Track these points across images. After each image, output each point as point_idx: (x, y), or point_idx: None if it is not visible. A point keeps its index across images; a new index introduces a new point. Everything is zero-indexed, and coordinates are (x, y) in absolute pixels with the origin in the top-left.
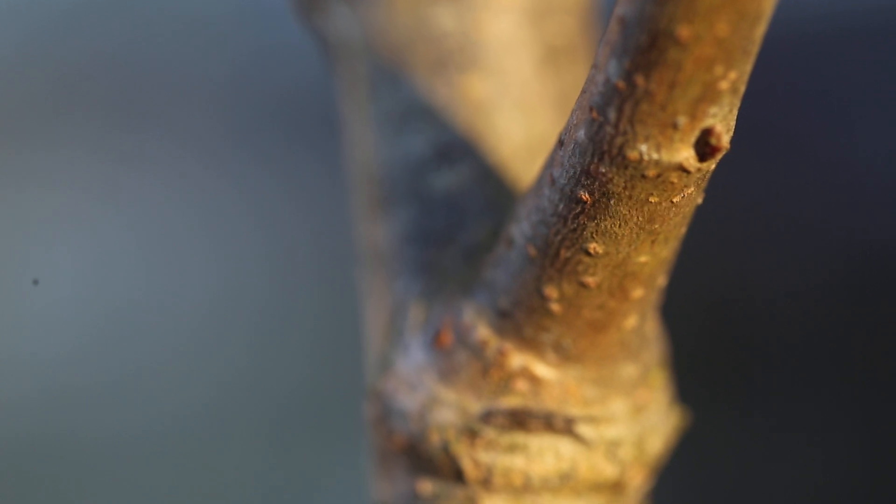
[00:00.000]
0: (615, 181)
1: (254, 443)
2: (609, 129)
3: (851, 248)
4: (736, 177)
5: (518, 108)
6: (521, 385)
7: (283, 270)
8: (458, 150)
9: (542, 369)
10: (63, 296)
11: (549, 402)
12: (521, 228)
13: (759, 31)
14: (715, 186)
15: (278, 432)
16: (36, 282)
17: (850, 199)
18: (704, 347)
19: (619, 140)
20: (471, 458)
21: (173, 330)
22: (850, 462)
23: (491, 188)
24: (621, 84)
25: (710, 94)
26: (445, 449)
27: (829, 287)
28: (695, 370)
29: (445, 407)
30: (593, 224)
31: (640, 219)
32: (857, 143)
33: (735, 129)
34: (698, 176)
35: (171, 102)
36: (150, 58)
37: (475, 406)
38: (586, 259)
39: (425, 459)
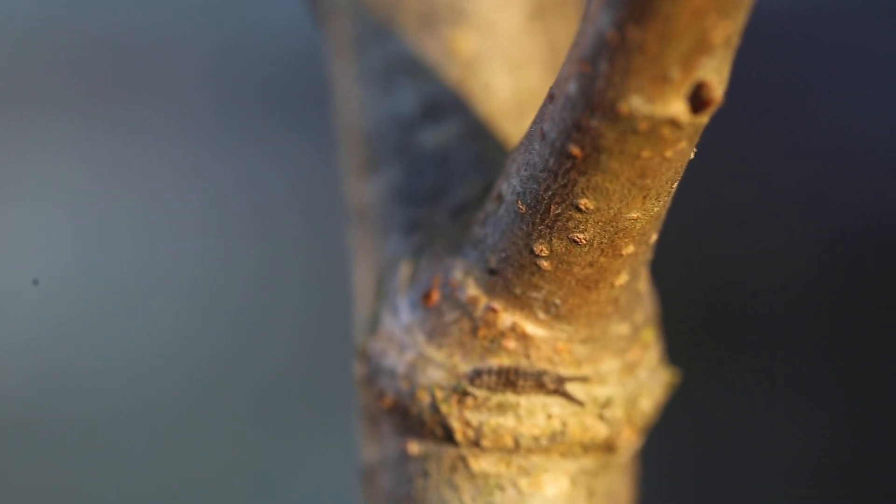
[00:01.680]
0: (606, 135)
1: (245, 416)
2: (600, 83)
3: (844, 224)
4: (727, 151)
5: (508, 63)
6: (511, 344)
7: (272, 245)
8: (447, 106)
9: (532, 328)
10: (53, 269)
11: (539, 361)
12: (510, 184)
13: None
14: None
15: (269, 405)
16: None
17: (844, 175)
18: (694, 323)
19: (610, 93)
20: (460, 419)
21: (164, 303)
22: (835, 431)
23: (480, 145)
24: (612, 36)
25: (702, 46)
26: (434, 409)
27: (819, 263)
28: (684, 346)
29: (434, 366)
30: (584, 179)
31: (632, 174)
32: (852, 120)
33: (728, 104)
34: (691, 130)
35: (163, 77)
36: (145, 32)
37: (464, 366)
38: (577, 215)
39: (414, 420)
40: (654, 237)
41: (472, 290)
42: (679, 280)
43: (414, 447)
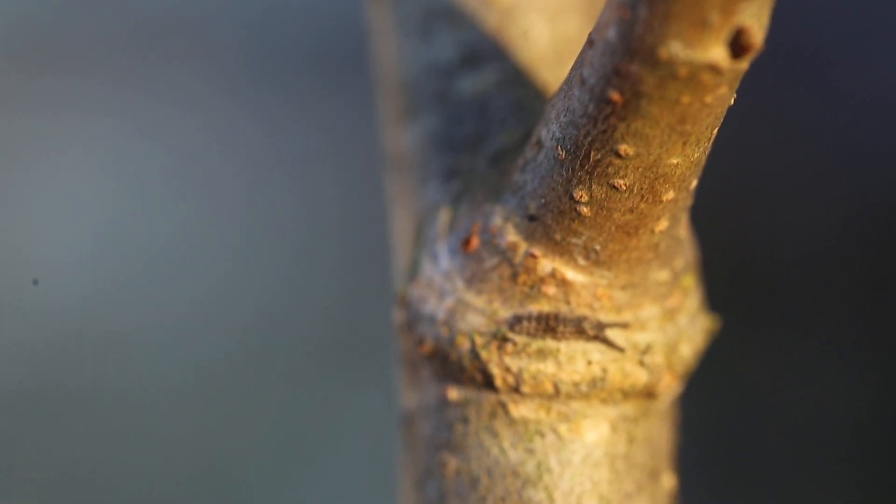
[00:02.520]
0: (646, 81)
1: (286, 373)
2: (639, 28)
3: (881, 188)
4: (761, 113)
5: (546, 10)
6: (551, 290)
7: (309, 204)
8: (485, 54)
9: (571, 274)
10: (90, 231)
11: (579, 307)
12: (550, 130)
13: None
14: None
15: (308, 363)
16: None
17: (882, 138)
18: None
19: (649, 38)
20: (500, 365)
21: (202, 263)
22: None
23: (519, 92)
24: None
25: None
26: (474, 355)
27: (855, 227)
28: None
29: (473, 313)
30: (623, 125)
31: (672, 119)
32: (880, 83)
33: (765, 67)
34: (731, 75)
35: (200, 36)
36: None
37: (504, 312)
38: (617, 161)
39: (454, 366)
40: (694, 183)
41: (511, 236)
42: (712, 244)
43: (453, 393)
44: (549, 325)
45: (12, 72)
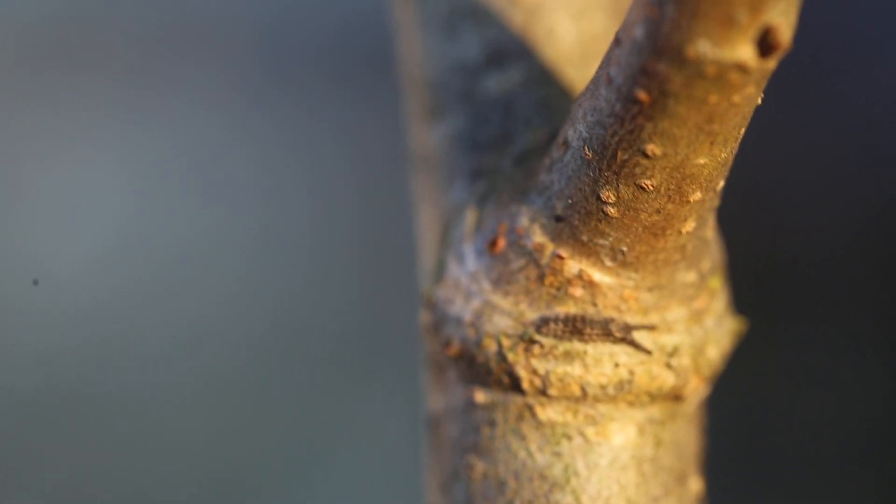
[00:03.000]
0: (673, 80)
1: (306, 375)
2: (666, 26)
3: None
4: (784, 112)
5: (571, 8)
6: (578, 292)
7: (326, 205)
8: (511, 52)
9: (598, 275)
10: (105, 231)
11: (605, 309)
12: (576, 130)
13: None
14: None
15: (327, 365)
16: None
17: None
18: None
19: (676, 37)
20: (527, 367)
21: (219, 263)
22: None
23: (545, 91)
24: None
25: None
26: (501, 357)
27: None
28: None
29: (500, 314)
30: (651, 124)
31: (699, 119)
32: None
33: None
34: (759, 74)
35: (215, 36)
36: None
37: (531, 313)
38: (644, 161)
39: (480, 368)
40: (721, 184)
41: (538, 237)
42: (736, 243)
43: (480, 396)
44: (575, 327)
45: (29, 69)
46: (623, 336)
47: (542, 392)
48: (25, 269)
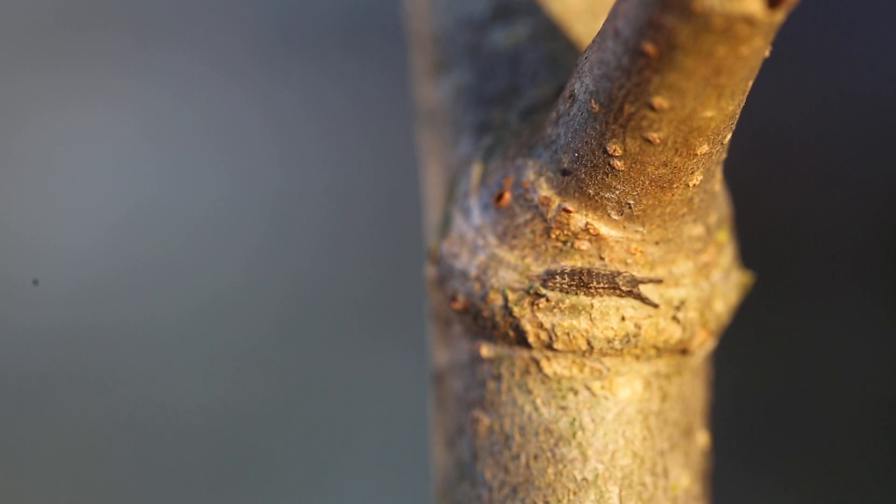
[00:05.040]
0: (681, 32)
1: (323, 336)
2: None
3: None
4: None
5: None
6: (584, 245)
7: (342, 171)
8: (518, 7)
9: (605, 228)
10: (128, 201)
11: (612, 262)
12: (583, 84)
13: None
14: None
15: (344, 327)
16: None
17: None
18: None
19: None
20: (532, 321)
21: (237, 228)
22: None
23: (551, 46)
24: None
25: None
26: (507, 311)
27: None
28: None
29: (506, 268)
30: (658, 77)
31: (707, 71)
32: None
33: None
34: (766, 27)
35: (236, 3)
36: None
37: (536, 267)
38: (651, 114)
39: (486, 322)
40: (728, 136)
41: (544, 190)
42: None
43: (486, 350)
44: (582, 281)
45: (47, 32)
46: (629, 290)
47: (548, 346)
48: (38, 241)
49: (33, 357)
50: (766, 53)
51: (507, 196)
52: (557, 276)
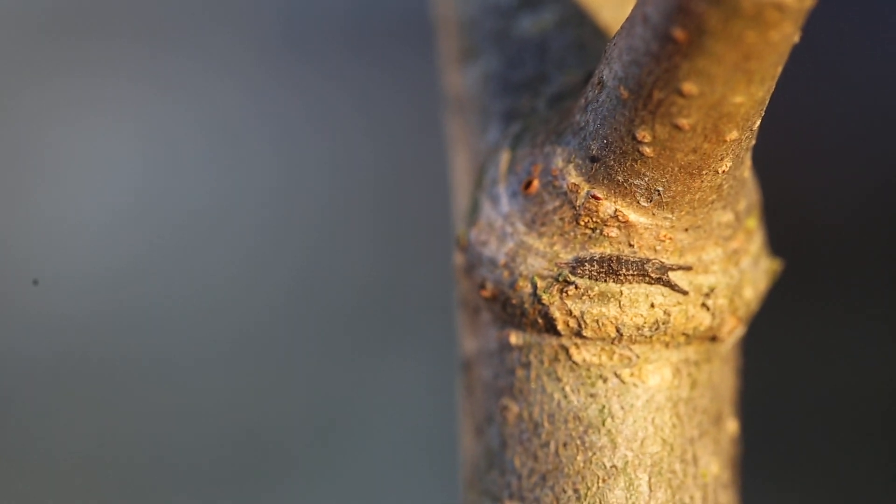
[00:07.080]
0: (710, 18)
1: (323, 339)
2: None
3: None
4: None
5: None
6: (613, 232)
7: (344, 174)
8: None
9: (634, 215)
10: (125, 198)
11: (641, 249)
12: (612, 70)
13: None
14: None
15: (343, 328)
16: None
17: None
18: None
19: None
20: (561, 308)
21: (242, 226)
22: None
23: (579, 32)
24: None
25: None
26: (536, 298)
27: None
28: None
29: (535, 256)
30: (687, 63)
31: (736, 57)
32: None
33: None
34: (796, 12)
35: (237, 6)
36: None
37: (565, 254)
38: (680, 100)
39: (515, 310)
40: (757, 122)
41: (573, 177)
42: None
43: (514, 338)
44: (611, 268)
45: (48, 36)
46: (659, 276)
47: (578, 333)
48: (46, 236)
49: (36, 347)
50: (796, 39)
51: (536, 183)
52: (586, 264)
